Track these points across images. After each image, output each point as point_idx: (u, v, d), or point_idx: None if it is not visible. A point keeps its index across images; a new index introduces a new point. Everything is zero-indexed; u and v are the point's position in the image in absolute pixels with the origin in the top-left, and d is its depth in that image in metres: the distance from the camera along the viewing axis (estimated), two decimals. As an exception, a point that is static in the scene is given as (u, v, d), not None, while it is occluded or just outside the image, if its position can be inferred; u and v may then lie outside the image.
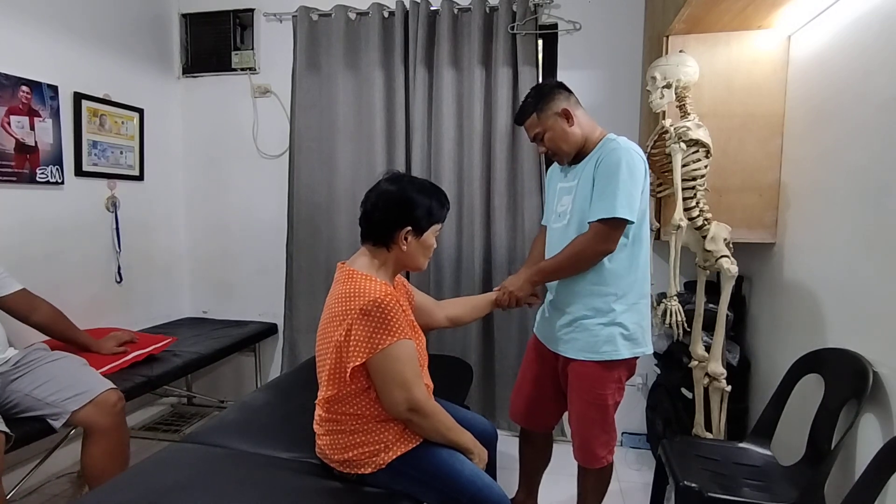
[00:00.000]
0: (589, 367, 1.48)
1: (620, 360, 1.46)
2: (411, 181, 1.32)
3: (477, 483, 1.27)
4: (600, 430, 1.52)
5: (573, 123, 1.48)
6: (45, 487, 2.04)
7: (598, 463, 1.54)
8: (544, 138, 1.51)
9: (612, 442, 1.55)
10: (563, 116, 1.48)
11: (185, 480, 1.27)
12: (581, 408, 1.53)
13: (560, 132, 1.49)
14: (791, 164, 1.80)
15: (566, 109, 1.48)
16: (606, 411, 1.51)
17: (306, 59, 2.58)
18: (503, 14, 2.37)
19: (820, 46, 1.64)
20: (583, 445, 1.55)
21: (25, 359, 1.67)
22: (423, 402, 1.21)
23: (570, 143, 1.50)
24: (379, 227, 1.28)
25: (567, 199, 1.54)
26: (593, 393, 1.49)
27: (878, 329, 1.30)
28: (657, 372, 2.33)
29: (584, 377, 1.50)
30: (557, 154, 1.53)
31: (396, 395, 1.19)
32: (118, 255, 2.48)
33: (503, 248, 2.46)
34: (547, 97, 1.49)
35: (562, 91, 1.51)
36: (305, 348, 2.66)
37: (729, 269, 1.69)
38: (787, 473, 1.48)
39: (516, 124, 1.64)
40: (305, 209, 2.63)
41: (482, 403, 2.54)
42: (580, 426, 1.55)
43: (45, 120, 2.11)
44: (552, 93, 1.50)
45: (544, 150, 1.54)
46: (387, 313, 1.16)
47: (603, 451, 1.54)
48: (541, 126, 1.50)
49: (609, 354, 1.46)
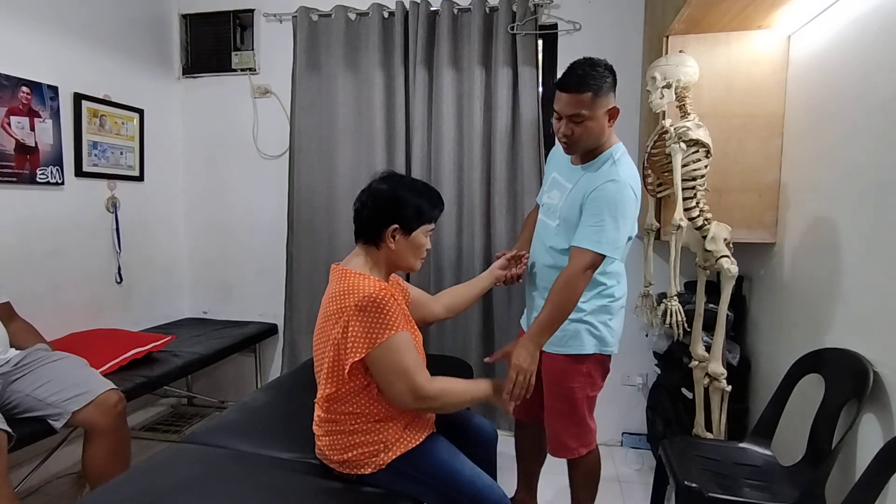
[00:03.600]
0: (557, 360, 1.53)
1: (586, 354, 1.51)
2: (401, 180, 1.32)
3: (477, 483, 1.27)
4: (569, 422, 1.56)
5: (612, 125, 1.42)
6: (46, 488, 2.05)
7: (570, 454, 1.58)
8: (582, 123, 1.36)
9: (585, 435, 1.57)
10: (611, 115, 1.40)
11: (185, 481, 1.27)
12: (550, 400, 1.58)
13: (600, 128, 1.39)
14: (791, 164, 1.80)
15: (617, 109, 1.40)
16: (575, 404, 1.54)
17: (306, 59, 2.58)
18: (503, 14, 2.37)
19: (820, 46, 1.64)
20: (553, 436, 1.60)
21: (26, 359, 1.67)
22: (427, 388, 1.21)
23: (596, 141, 1.42)
24: (367, 225, 1.29)
25: (556, 194, 1.54)
26: (562, 385, 1.54)
27: (879, 329, 1.30)
28: (657, 372, 2.33)
29: (552, 370, 1.55)
30: (579, 143, 1.42)
31: (399, 387, 1.20)
32: (118, 255, 2.48)
33: (503, 248, 2.45)
34: (610, 84, 1.37)
35: (615, 86, 1.40)
36: (305, 349, 2.66)
37: (729, 269, 1.69)
38: (787, 473, 1.48)
39: (564, 90, 1.37)
40: (305, 209, 2.63)
41: (482, 404, 2.53)
42: (550, 417, 1.59)
43: (46, 120, 2.11)
44: (614, 82, 1.38)
45: (569, 132, 1.39)
46: (382, 307, 1.17)
47: (574, 442, 1.57)
48: (589, 109, 1.35)
49: (574, 349, 1.51)
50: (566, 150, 1.48)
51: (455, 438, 1.38)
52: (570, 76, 1.37)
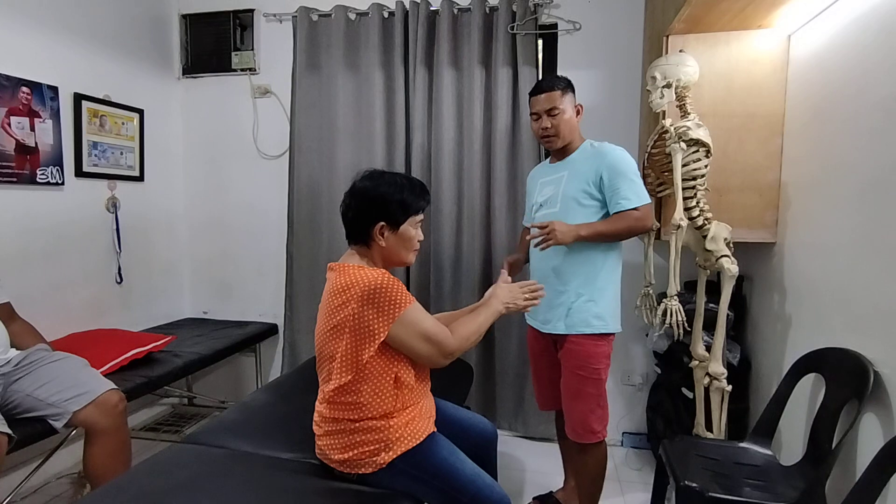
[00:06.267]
0: (583, 344, 1.61)
1: (607, 333, 1.62)
2: (382, 176, 1.32)
3: (477, 483, 1.28)
4: (595, 405, 1.63)
5: (579, 120, 1.70)
6: (47, 488, 2.05)
7: (595, 437, 1.63)
8: (556, 115, 1.64)
9: (605, 417, 1.66)
10: (576, 111, 1.70)
11: (185, 481, 1.27)
12: (576, 383, 1.63)
13: (570, 119, 1.67)
14: (791, 164, 1.80)
15: (581, 106, 1.71)
16: (601, 385, 1.63)
17: (306, 59, 2.58)
18: (503, 14, 2.37)
19: (820, 46, 1.64)
20: (580, 420, 1.64)
21: (27, 359, 1.67)
22: (451, 344, 1.28)
23: (570, 134, 1.68)
24: (355, 225, 1.30)
25: (549, 189, 1.71)
26: (588, 368, 1.61)
27: (879, 328, 1.30)
28: (657, 372, 2.33)
29: (578, 355, 1.62)
30: (556, 136, 1.67)
31: (427, 350, 1.26)
32: (118, 255, 2.48)
33: (503, 248, 2.45)
34: (571, 87, 1.69)
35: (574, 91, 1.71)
36: (306, 349, 2.66)
37: (729, 268, 1.69)
38: (787, 473, 1.48)
39: (535, 93, 1.68)
40: (305, 209, 2.63)
41: (482, 403, 2.54)
42: (576, 402, 1.64)
43: (46, 121, 2.11)
44: (573, 89, 1.70)
45: (547, 126, 1.65)
46: (388, 289, 1.20)
47: (598, 425, 1.64)
48: (560, 104, 1.64)
49: (599, 328, 1.61)
50: (548, 144, 1.72)
51: (455, 438, 1.38)
52: (540, 83, 1.70)
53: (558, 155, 1.74)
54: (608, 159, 1.59)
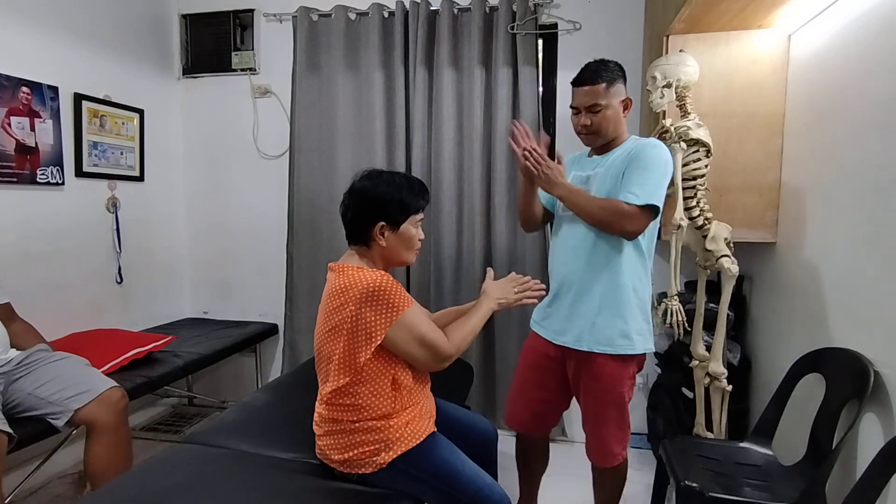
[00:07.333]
0: (608, 364, 1.46)
1: (634, 354, 1.47)
2: (381, 175, 1.32)
3: (477, 482, 1.28)
4: (616, 428, 1.52)
5: (626, 115, 1.51)
6: (47, 488, 2.05)
7: (615, 461, 1.54)
8: (600, 112, 1.46)
9: (626, 438, 1.55)
10: (625, 105, 1.50)
11: (185, 481, 1.27)
12: (599, 407, 1.52)
13: (616, 115, 1.48)
14: (791, 164, 1.80)
15: (630, 100, 1.51)
16: (623, 408, 1.51)
17: (306, 59, 2.58)
18: (503, 14, 2.37)
19: (820, 46, 1.64)
20: (600, 445, 1.54)
21: (28, 359, 1.67)
22: (446, 349, 1.28)
23: (615, 130, 1.50)
24: (354, 226, 1.30)
25: (578, 184, 1.52)
26: (614, 392, 1.49)
27: (880, 328, 1.30)
28: (658, 371, 2.33)
29: (603, 378, 1.48)
30: (598, 133, 1.49)
31: (423, 355, 1.26)
32: (118, 255, 2.48)
33: (503, 248, 2.46)
34: (621, 78, 1.49)
35: (626, 81, 1.51)
36: (306, 349, 2.66)
37: (729, 268, 1.69)
38: (788, 473, 1.48)
39: (579, 84, 1.48)
40: (306, 209, 2.63)
41: (482, 403, 2.54)
42: (598, 426, 1.54)
43: (46, 121, 2.11)
44: (624, 77, 1.50)
45: (587, 123, 1.48)
46: (387, 291, 1.20)
47: (618, 447, 1.54)
48: (605, 99, 1.46)
49: (624, 349, 1.45)
50: (587, 141, 1.55)
51: (455, 438, 1.38)
52: (584, 72, 1.48)
53: (599, 150, 1.56)
54: (638, 150, 1.43)
